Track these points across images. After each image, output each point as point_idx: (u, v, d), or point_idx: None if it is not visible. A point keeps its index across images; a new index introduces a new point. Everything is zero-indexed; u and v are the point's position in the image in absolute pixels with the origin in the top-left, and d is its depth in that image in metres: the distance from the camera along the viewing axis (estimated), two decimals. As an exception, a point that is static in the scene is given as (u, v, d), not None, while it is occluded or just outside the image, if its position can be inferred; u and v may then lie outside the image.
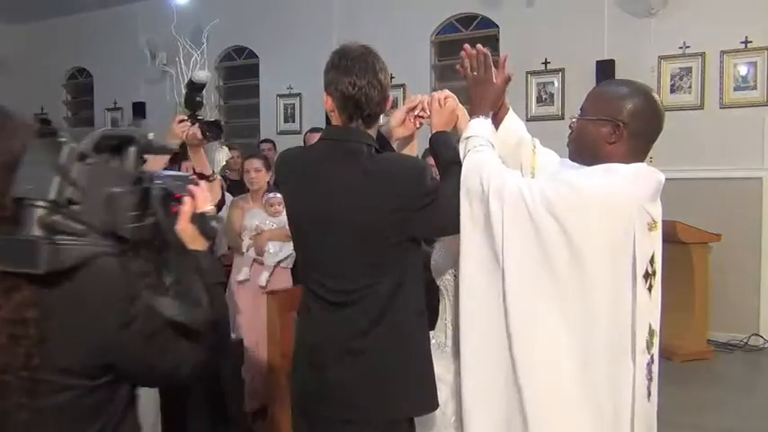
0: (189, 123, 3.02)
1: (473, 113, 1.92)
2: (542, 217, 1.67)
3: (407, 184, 1.79)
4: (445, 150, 1.93)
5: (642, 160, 1.80)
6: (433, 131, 2.01)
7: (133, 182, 1.34)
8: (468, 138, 1.87)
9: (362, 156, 1.82)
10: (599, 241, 1.67)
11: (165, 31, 6.58)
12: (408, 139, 2.12)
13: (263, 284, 4.01)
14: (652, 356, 1.79)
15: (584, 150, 1.83)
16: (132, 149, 1.35)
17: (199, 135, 3.02)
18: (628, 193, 1.72)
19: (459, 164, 1.91)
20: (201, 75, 3.04)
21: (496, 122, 2.01)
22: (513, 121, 2.04)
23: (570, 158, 1.90)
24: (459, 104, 2.06)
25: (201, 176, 3.15)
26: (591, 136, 1.80)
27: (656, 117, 1.79)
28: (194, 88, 3.07)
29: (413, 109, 2.08)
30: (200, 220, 1.44)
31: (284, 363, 3.39)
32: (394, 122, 2.09)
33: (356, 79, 1.80)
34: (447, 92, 2.07)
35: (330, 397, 1.87)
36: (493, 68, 1.95)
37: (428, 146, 2.03)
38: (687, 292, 5.32)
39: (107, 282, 1.25)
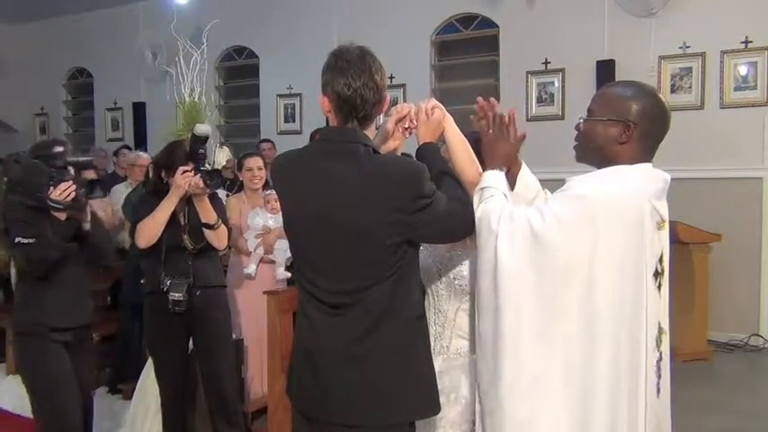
0: (192, 174, 3.17)
1: (487, 167, 1.93)
2: (553, 237, 1.70)
3: (405, 185, 1.78)
4: (434, 161, 1.93)
5: (649, 161, 1.82)
6: (420, 142, 2.01)
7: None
8: (482, 189, 1.87)
9: (360, 156, 1.81)
10: (609, 244, 1.69)
11: (165, 31, 6.57)
12: (394, 151, 2.12)
13: (253, 275, 4.11)
14: (661, 354, 1.81)
15: (593, 151, 1.83)
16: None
17: (201, 185, 3.17)
18: (638, 192, 1.74)
19: (449, 174, 1.91)
20: (202, 128, 3.26)
21: (511, 177, 2.03)
22: (528, 174, 2.06)
23: (577, 160, 1.91)
24: (447, 114, 2.05)
25: (206, 226, 3.22)
26: (600, 137, 1.80)
27: (664, 117, 1.81)
28: (196, 141, 3.21)
29: (401, 120, 2.07)
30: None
31: (284, 363, 3.39)
32: (384, 135, 2.08)
33: (351, 81, 1.80)
34: (434, 101, 2.05)
35: (332, 402, 1.86)
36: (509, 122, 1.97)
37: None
38: (687, 291, 5.32)
39: None
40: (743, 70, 5.98)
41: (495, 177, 1.88)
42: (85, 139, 10.29)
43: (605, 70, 6.32)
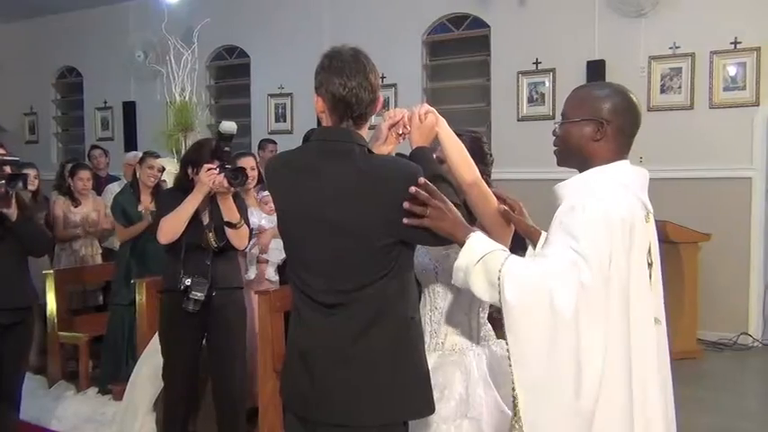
0: (216, 172, 3.16)
1: (461, 238, 1.78)
2: (596, 276, 1.66)
3: (400, 186, 1.77)
4: (428, 165, 1.92)
5: (625, 157, 1.84)
6: (413, 147, 2.01)
7: None
8: (482, 258, 1.73)
9: (355, 155, 1.82)
10: (620, 247, 1.70)
11: (156, 30, 6.56)
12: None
13: (253, 277, 4.07)
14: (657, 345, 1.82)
15: (572, 153, 1.86)
16: None
17: (225, 184, 3.17)
18: (629, 189, 1.77)
19: (443, 177, 1.90)
20: (228, 126, 3.26)
21: (531, 243, 2.05)
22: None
23: (558, 164, 1.92)
24: (440, 117, 2.06)
25: (229, 225, 3.25)
26: (576, 138, 1.83)
27: (635, 112, 1.85)
28: (222, 138, 3.22)
29: (394, 125, 2.08)
30: None
31: (275, 362, 3.39)
32: (378, 141, 2.08)
33: (347, 80, 1.80)
34: (427, 106, 2.07)
35: (325, 403, 1.86)
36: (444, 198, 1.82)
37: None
38: (677, 291, 5.35)
39: None
40: (732, 71, 6.02)
41: (481, 240, 1.78)
42: (75, 138, 10.24)
43: (596, 70, 6.35)
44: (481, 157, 2.33)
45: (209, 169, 3.16)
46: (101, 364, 4.87)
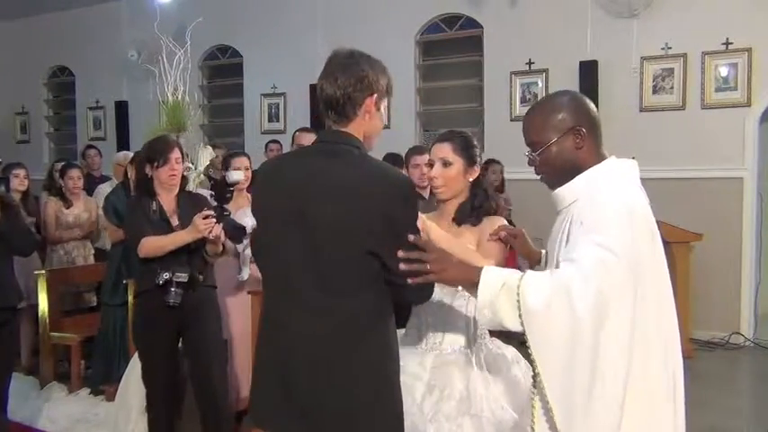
0: (213, 222, 3.08)
1: (476, 278, 1.70)
2: (624, 268, 1.65)
3: (388, 198, 1.73)
4: None
5: (606, 153, 1.85)
6: None
7: None
8: (503, 285, 1.66)
9: (351, 156, 1.79)
10: (642, 239, 1.72)
11: (148, 30, 6.53)
12: None
13: (246, 278, 4.05)
14: None
15: (563, 171, 1.84)
16: None
17: (222, 237, 3.13)
18: (633, 181, 1.79)
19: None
20: (236, 176, 3.29)
21: (532, 264, 2.08)
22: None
23: (551, 188, 1.89)
24: (429, 222, 2.10)
25: (211, 255, 3.30)
26: (561, 155, 1.82)
27: (591, 106, 1.86)
28: (227, 185, 3.23)
29: None
30: None
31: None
32: None
33: (320, 79, 1.84)
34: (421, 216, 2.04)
35: (304, 418, 1.79)
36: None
37: None
38: (669, 290, 5.36)
39: None
40: (723, 71, 6.05)
41: (496, 271, 1.72)
42: (67, 138, 10.20)
43: (588, 71, 6.37)
44: (471, 158, 2.35)
45: (206, 216, 3.07)
46: (93, 364, 4.86)
